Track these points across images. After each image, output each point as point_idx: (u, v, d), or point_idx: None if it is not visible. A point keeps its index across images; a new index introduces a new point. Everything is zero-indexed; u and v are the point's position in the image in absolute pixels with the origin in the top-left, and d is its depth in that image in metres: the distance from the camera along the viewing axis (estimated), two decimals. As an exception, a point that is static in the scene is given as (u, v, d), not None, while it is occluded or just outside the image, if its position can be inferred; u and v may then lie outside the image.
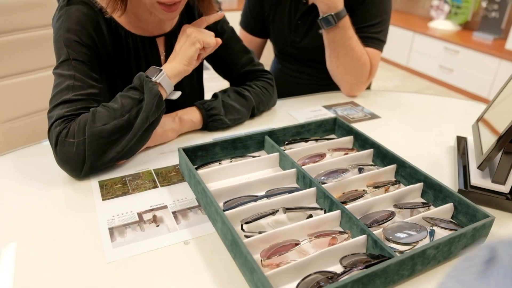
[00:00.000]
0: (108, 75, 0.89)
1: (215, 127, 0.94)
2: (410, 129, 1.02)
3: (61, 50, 0.79)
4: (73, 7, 0.80)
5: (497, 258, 0.20)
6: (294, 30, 1.27)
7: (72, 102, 0.75)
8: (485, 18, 3.52)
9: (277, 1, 1.27)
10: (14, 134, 1.34)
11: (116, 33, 0.86)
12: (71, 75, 0.77)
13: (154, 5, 0.79)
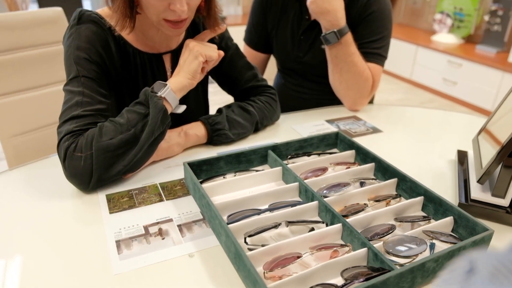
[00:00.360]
0: (117, 91, 0.91)
1: (220, 141, 0.96)
2: (411, 143, 1.04)
3: (71, 67, 0.82)
4: (83, 26, 0.83)
5: (476, 269, 0.22)
6: (297, 46, 1.29)
7: (80, 117, 0.78)
8: (488, 31, 3.55)
9: (280, 17, 1.30)
10: (23, 148, 1.37)
11: (124, 50, 0.89)
12: (80, 91, 0.80)
13: (161, 22, 0.82)
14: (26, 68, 1.34)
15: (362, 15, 1.19)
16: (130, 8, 0.80)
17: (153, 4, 0.78)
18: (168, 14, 0.80)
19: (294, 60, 1.32)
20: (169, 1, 0.78)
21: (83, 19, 0.84)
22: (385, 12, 1.20)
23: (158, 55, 0.94)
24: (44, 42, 1.37)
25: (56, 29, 1.40)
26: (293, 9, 1.28)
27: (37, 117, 1.38)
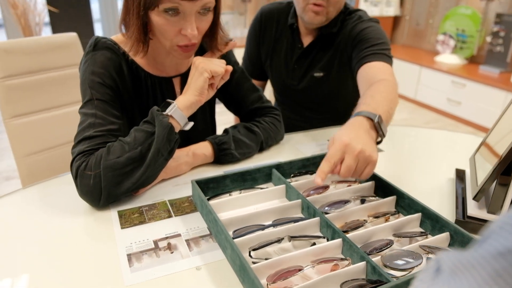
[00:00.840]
0: (129, 113, 0.96)
1: (226, 160, 1.00)
2: (412, 162, 1.07)
3: (86, 91, 0.87)
4: (98, 53, 0.89)
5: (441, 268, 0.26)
6: (291, 74, 1.33)
7: (92, 138, 0.83)
8: (490, 52, 3.60)
9: (274, 46, 1.34)
10: (36, 167, 1.42)
11: (137, 74, 0.95)
12: (93, 113, 0.85)
13: (174, 47, 0.88)
14: (41, 91, 1.40)
15: (352, 37, 1.20)
16: (144, 34, 0.86)
17: (165, 29, 0.84)
18: (180, 39, 0.86)
19: (289, 88, 1.35)
20: (181, 27, 0.84)
21: (98, 45, 0.90)
22: (376, 26, 1.20)
23: (168, 79, 1.00)
24: (59, 66, 1.44)
25: (71, 53, 1.47)
26: (286, 38, 1.32)
27: (50, 137, 1.44)
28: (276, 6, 1.35)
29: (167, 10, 0.81)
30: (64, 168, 1.47)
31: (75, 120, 1.50)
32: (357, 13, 1.26)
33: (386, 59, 1.11)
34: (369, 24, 1.20)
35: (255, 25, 1.37)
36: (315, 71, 1.29)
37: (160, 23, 0.83)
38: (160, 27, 0.84)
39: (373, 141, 0.79)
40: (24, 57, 1.35)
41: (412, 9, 4.45)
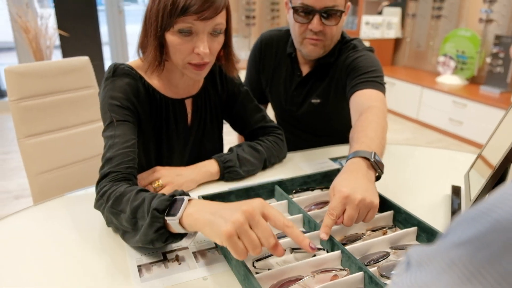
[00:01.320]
0: (143, 130, 1.02)
1: (231, 177, 1.05)
2: (410, 179, 1.11)
3: (106, 115, 0.93)
4: (117, 78, 0.96)
5: (410, 261, 0.30)
6: (290, 101, 1.37)
7: (112, 159, 0.87)
8: (491, 73, 3.67)
9: (273, 73, 1.39)
10: (48, 185, 1.47)
11: (153, 96, 1.01)
12: (113, 135, 0.90)
13: (186, 65, 0.94)
14: (54, 111, 1.47)
15: (346, 66, 1.23)
16: (160, 54, 0.93)
17: (179, 48, 0.91)
18: (192, 57, 0.92)
19: (288, 113, 1.40)
20: (194, 45, 0.90)
21: (117, 72, 0.96)
22: (368, 54, 1.23)
23: (181, 100, 1.06)
24: (71, 88, 1.51)
25: (83, 75, 1.55)
26: (285, 66, 1.37)
27: (61, 156, 1.49)
28: (276, 33, 1.39)
29: (181, 31, 0.88)
30: (75, 186, 1.52)
31: (85, 139, 1.57)
32: (353, 42, 1.29)
33: (377, 86, 1.13)
34: (362, 53, 1.23)
35: (255, 53, 1.42)
36: (312, 98, 1.33)
37: (175, 43, 0.90)
38: (175, 47, 0.91)
39: (372, 184, 0.81)
40: (39, 80, 1.42)
41: (412, 32, 4.55)
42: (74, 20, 3.99)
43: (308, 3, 1.14)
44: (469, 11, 3.92)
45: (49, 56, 4.14)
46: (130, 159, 0.88)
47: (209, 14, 0.87)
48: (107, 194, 0.80)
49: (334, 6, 1.14)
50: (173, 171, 1.00)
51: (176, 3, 0.86)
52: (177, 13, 0.86)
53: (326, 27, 1.17)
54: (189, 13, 0.86)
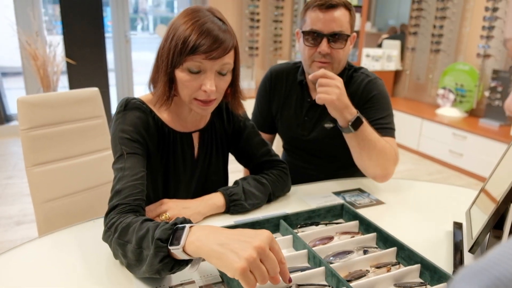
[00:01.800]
0: (151, 162, 1.04)
1: (236, 211, 1.06)
2: (412, 215, 1.13)
3: (116, 147, 0.96)
4: (128, 112, 0.99)
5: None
6: (302, 126, 1.43)
7: (121, 191, 0.89)
8: (489, 106, 3.73)
9: (284, 101, 1.46)
10: (53, 213, 1.49)
11: (162, 130, 1.04)
12: (122, 167, 0.93)
13: (192, 101, 0.98)
14: (62, 141, 1.50)
15: (364, 98, 1.33)
16: (169, 89, 0.97)
17: (187, 85, 0.95)
18: (199, 94, 0.96)
19: (299, 139, 1.45)
20: (201, 82, 0.94)
21: (128, 106, 1.00)
22: (384, 92, 1.34)
23: (189, 134, 1.09)
24: (81, 118, 1.54)
25: (93, 106, 1.59)
26: (295, 93, 1.44)
27: (66, 184, 1.51)
28: (285, 66, 1.49)
29: (190, 69, 0.93)
30: (78, 214, 1.54)
31: (92, 168, 1.60)
32: (362, 70, 1.40)
33: (391, 134, 1.30)
34: (377, 89, 1.33)
35: (266, 84, 1.49)
36: (325, 122, 1.38)
37: (184, 79, 0.94)
38: (184, 83, 0.95)
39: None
40: (50, 110, 1.46)
41: (412, 64, 4.65)
42: (82, 48, 4.09)
43: (317, 28, 1.24)
44: (467, 46, 4.02)
45: (55, 82, 4.22)
46: (139, 191, 0.91)
47: (217, 54, 0.92)
48: (115, 226, 0.82)
49: (341, 31, 1.24)
50: (180, 204, 1.02)
51: (186, 42, 0.90)
52: (186, 52, 0.91)
53: (333, 50, 1.26)
54: (198, 52, 0.90)
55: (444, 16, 4.11)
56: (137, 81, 4.96)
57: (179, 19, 0.94)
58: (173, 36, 0.92)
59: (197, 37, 0.89)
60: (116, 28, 4.60)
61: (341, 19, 1.24)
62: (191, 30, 0.91)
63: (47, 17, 6.41)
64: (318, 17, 1.23)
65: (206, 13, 0.94)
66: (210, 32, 0.91)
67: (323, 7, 1.22)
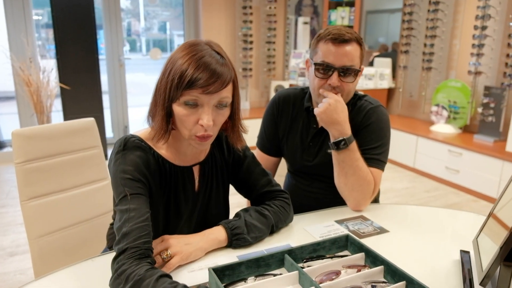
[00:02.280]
0: (153, 198, 1.02)
1: (239, 244, 1.04)
2: (417, 243, 1.11)
3: (118, 189, 0.94)
4: (128, 152, 0.97)
5: None
6: (307, 151, 1.44)
7: (129, 233, 0.87)
8: (483, 122, 3.75)
9: (290, 126, 1.47)
10: (49, 248, 1.45)
11: (163, 166, 1.03)
12: (128, 208, 0.91)
13: (191, 137, 0.96)
14: (58, 173, 1.47)
15: (362, 125, 1.35)
16: (166, 123, 0.95)
17: (184, 119, 0.94)
18: (197, 129, 0.94)
19: (303, 164, 1.45)
20: (198, 116, 0.93)
21: (128, 145, 0.98)
22: (382, 122, 1.36)
23: (189, 167, 1.07)
24: (77, 149, 1.52)
25: (89, 136, 1.56)
26: (302, 119, 1.45)
27: (62, 218, 1.48)
28: (292, 91, 1.51)
29: (187, 103, 0.91)
30: (74, 248, 1.50)
31: (88, 200, 1.56)
32: (366, 98, 1.42)
33: (379, 165, 1.33)
34: (376, 117, 1.35)
35: (273, 107, 1.50)
36: (328, 148, 1.39)
37: (181, 114, 0.93)
38: (181, 117, 0.94)
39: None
40: (45, 142, 1.44)
41: (404, 82, 4.70)
42: (76, 73, 4.08)
43: (328, 61, 1.27)
44: (458, 63, 4.08)
45: (49, 108, 4.20)
46: (147, 233, 0.89)
47: (215, 89, 0.91)
48: (126, 275, 0.80)
49: (352, 66, 1.27)
50: (182, 240, 0.99)
51: (183, 77, 0.90)
52: (183, 86, 0.90)
53: (343, 83, 1.29)
54: (195, 87, 0.89)
55: (434, 34, 4.17)
56: (131, 103, 4.95)
57: (177, 53, 0.93)
58: (170, 70, 0.92)
59: (194, 71, 0.89)
60: (110, 51, 4.61)
61: (352, 53, 1.26)
62: (188, 64, 0.90)
63: (40, 42, 6.43)
64: (330, 50, 1.26)
65: (204, 46, 0.93)
66: (207, 66, 0.90)
67: (336, 41, 1.25)
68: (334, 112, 1.25)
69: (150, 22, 13.56)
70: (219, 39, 4.80)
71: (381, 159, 1.33)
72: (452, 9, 4.06)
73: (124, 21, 10.09)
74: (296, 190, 1.51)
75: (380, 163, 1.33)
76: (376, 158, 1.32)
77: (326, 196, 1.45)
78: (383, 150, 1.34)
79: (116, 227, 0.90)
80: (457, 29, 4.05)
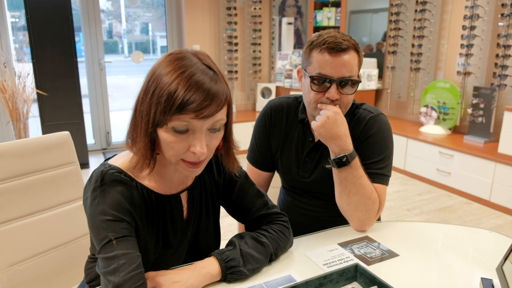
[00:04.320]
0: (139, 233, 0.89)
1: (234, 278, 0.92)
2: (431, 269, 1.00)
3: (101, 234, 0.80)
4: (107, 188, 0.83)
5: None
6: (302, 167, 1.32)
7: (122, 285, 0.75)
8: (473, 122, 3.71)
9: (284, 140, 1.34)
10: (20, 279, 1.30)
11: (148, 197, 0.89)
12: (115, 255, 0.78)
13: (179, 162, 0.83)
14: (30, 193, 1.33)
15: (362, 137, 1.24)
16: (151, 150, 0.82)
17: (173, 146, 0.80)
18: (187, 155, 0.81)
19: (299, 180, 1.34)
20: (190, 143, 0.80)
21: (105, 180, 0.84)
22: (384, 132, 1.25)
23: (176, 195, 0.95)
24: (50, 166, 1.38)
25: (63, 152, 1.42)
26: (296, 132, 1.33)
27: (35, 243, 1.33)
28: (285, 100, 1.37)
29: (177, 129, 0.78)
30: (50, 276, 1.36)
31: (65, 222, 1.41)
32: (364, 106, 1.31)
33: (383, 180, 1.23)
34: (378, 127, 1.25)
35: (265, 119, 1.37)
36: (326, 163, 1.28)
37: (168, 140, 0.80)
38: (168, 144, 0.80)
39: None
40: (14, 160, 1.29)
41: (392, 83, 4.64)
42: (53, 78, 3.89)
43: (325, 73, 1.15)
44: (446, 64, 4.04)
45: (25, 115, 3.99)
46: (142, 283, 0.77)
47: (209, 112, 0.78)
48: None
49: (351, 76, 1.16)
50: (169, 278, 0.86)
51: (171, 99, 0.76)
52: (172, 111, 0.76)
53: (342, 95, 1.18)
54: (186, 111, 0.76)
55: (422, 35, 4.12)
56: (113, 107, 4.77)
57: (162, 68, 0.79)
58: (154, 90, 0.77)
59: (185, 93, 0.75)
60: (89, 54, 4.43)
61: (351, 63, 1.15)
62: (177, 83, 0.76)
63: (17, 44, 6.18)
64: (326, 61, 1.14)
65: (194, 60, 0.80)
66: (200, 86, 0.77)
67: (333, 50, 1.13)
68: (334, 126, 1.14)
69: (131, 24, 13.30)
70: (203, 40, 4.67)
71: (385, 173, 1.23)
72: (439, 9, 4.01)
73: (105, 23, 9.85)
74: (293, 208, 1.39)
75: (385, 178, 1.22)
76: (380, 173, 1.22)
77: (325, 214, 1.33)
78: (387, 163, 1.23)
79: (104, 275, 0.76)
80: (445, 29, 4.01)
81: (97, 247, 0.80)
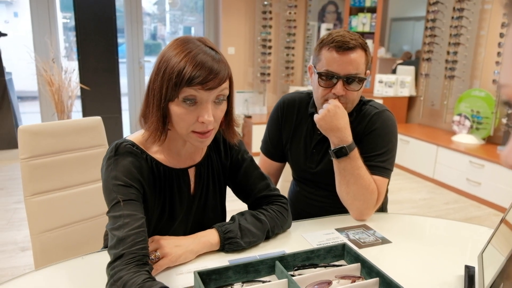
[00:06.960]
0: (147, 203, 1.00)
1: (231, 249, 1.01)
2: (420, 256, 1.05)
3: (110, 195, 0.91)
4: (120, 157, 0.94)
5: None
6: (310, 158, 1.39)
7: (124, 239, 0.85)
8: (507, 133, 3.60)
9: (294, 132, 1.43)
10: (50, 244, 1.45)
11: (156, 169, 1.00)
12: (121, 214, 0.88)
13: (190, 134, 0.94)
14: (62, 170, 1.48)
15: (366, 131, 1.29)
16: (162, 124, 0.93)
17: (184, 117, 0.91)
18: (197, 126, 0.92)
19: (307, 171, 1.41)
20: (198, 114, 0.91)
21: (119, 150, 0.95)
22: (387, 127, 1.29)
23: (184, 170, 1.05)
24: (82, 147, 1.53)
25: (95, 135, 1.57)
26: (306, 125, 1.40)
27: (64, 215, 1.48)
28: (298, 95, 1.46)
29: (186, 100, 0.89)
30: (75, 246, 1.50)
31: (91, 198, 1.56)
32: (371, 103, 1.36)
33: (384, 173, 1.27)
34: (381, 122, 1.29)
35: (278, 112, 1.46)
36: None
37: (179, 113, 0.91)
38: (179, 116, 0.91)
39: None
40: (51, 139, 1.45)
41: (426, 90, 4.57)
42: (96, 74, 4.16)
43: (332, 70, 1.22)
44: (482, 72, 3.94)
45: (69, 107, 4.29)
46: (143, 239, 0.86)
47: (214, 85, 0.89)
48: (123, 282, 0.78)
49: (357, 74, 1.22)
50: (172, 242, 0.97)
51: (181, 74, 0.87)
52: (182, 84, 0.87)
53: (348, 92, 1.24)
54: (194, 83, 0.87)
55: (458, 42, 4.05)
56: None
57: (170, 51, 0.91)
58: (165, 69, 0.89)
59: (192, 69, 0.87)
60: (130, 54, 4.68)
61: (357, 61, 1.21)
62: (184, 62, 0.88)
63: (67, 44, 6.59)
64: (334, 58, 1.21)
65: (197, 43, 0.91)
66: (204, 64, 0.88)
67: (340, 49, 1.20)
68: (334, 119, 1.21)
69: (175, 27, 13.76)
70: (238, 43, 4.81)
71: (386, 167, 1.27)
72: (477, 17, 3.93)
73: (150, 25, 10.25)
74: (300, 197, 1.47)
75: (385, 171, 1.27)
76: (381, 166, 1.26)
77: (330, 204, 1.40)
78: (388, 157, 1.28)
79: (110, 232, 0.88)
80: (483, 37, 3.92)
81: (107, 207, 0.92)
